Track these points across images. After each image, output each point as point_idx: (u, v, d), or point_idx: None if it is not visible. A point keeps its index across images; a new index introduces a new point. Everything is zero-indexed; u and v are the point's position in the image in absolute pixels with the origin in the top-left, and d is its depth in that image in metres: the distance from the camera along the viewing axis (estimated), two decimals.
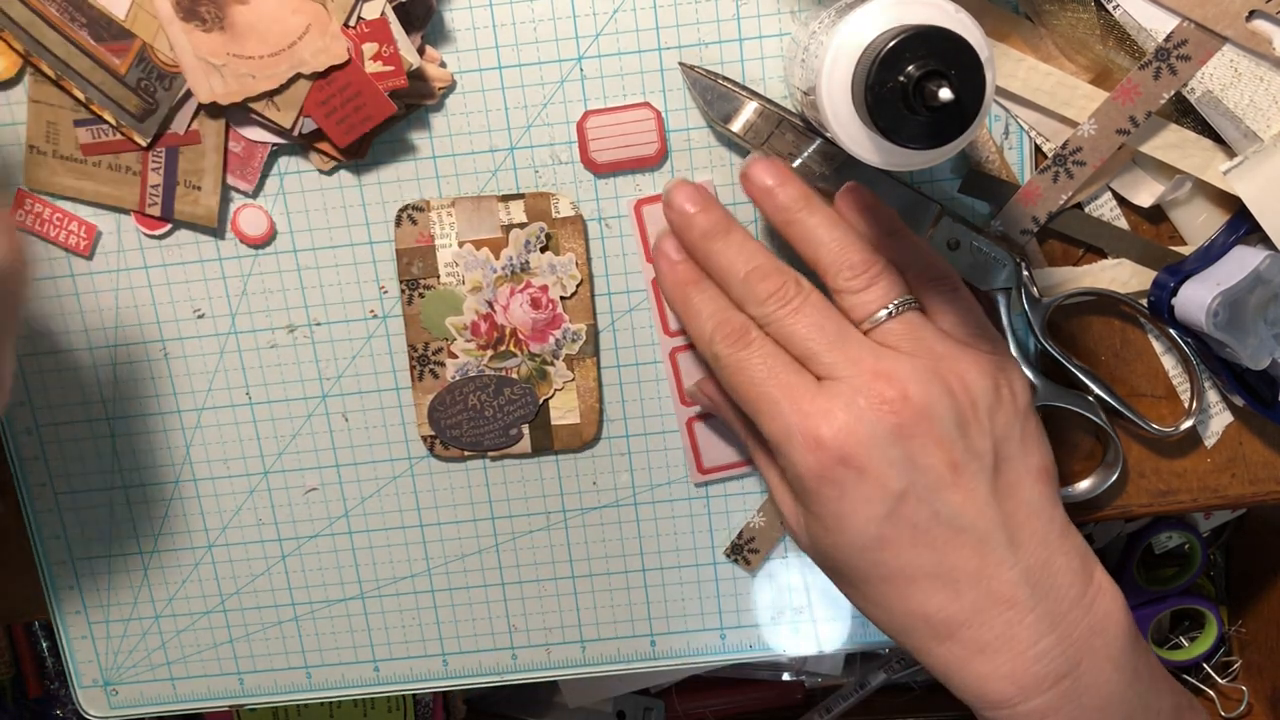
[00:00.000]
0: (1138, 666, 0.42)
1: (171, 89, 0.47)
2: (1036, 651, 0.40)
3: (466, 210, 0.50)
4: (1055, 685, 0.40)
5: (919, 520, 0.40)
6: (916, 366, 0.40)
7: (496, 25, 0.48)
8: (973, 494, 0.40)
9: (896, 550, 0.40)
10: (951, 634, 0.40)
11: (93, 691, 0.58)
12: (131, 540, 0.55)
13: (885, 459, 0.39)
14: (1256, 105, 0.47)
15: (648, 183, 0.50)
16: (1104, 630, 0.41)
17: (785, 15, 0.48)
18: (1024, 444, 0.42)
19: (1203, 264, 0.50)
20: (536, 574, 0.56)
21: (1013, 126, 0.49)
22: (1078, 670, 0.40)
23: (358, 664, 0.57)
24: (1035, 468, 0.42)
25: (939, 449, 0.40)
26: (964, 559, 0.40)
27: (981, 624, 0.40)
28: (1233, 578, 0.78)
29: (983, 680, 0.40)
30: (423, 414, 0.53)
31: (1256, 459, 0.54)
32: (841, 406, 0.40)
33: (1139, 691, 0.41)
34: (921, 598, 0.40)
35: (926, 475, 0.40)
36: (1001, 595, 0.40)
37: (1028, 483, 0.42)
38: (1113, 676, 0.41)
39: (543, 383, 0.52)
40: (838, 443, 0.39)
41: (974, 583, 0.40)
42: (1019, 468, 0.42)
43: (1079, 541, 0.43)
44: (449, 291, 0.51)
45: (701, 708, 0.79)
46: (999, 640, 0.40)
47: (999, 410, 0.41)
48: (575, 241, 0.50)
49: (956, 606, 0.40)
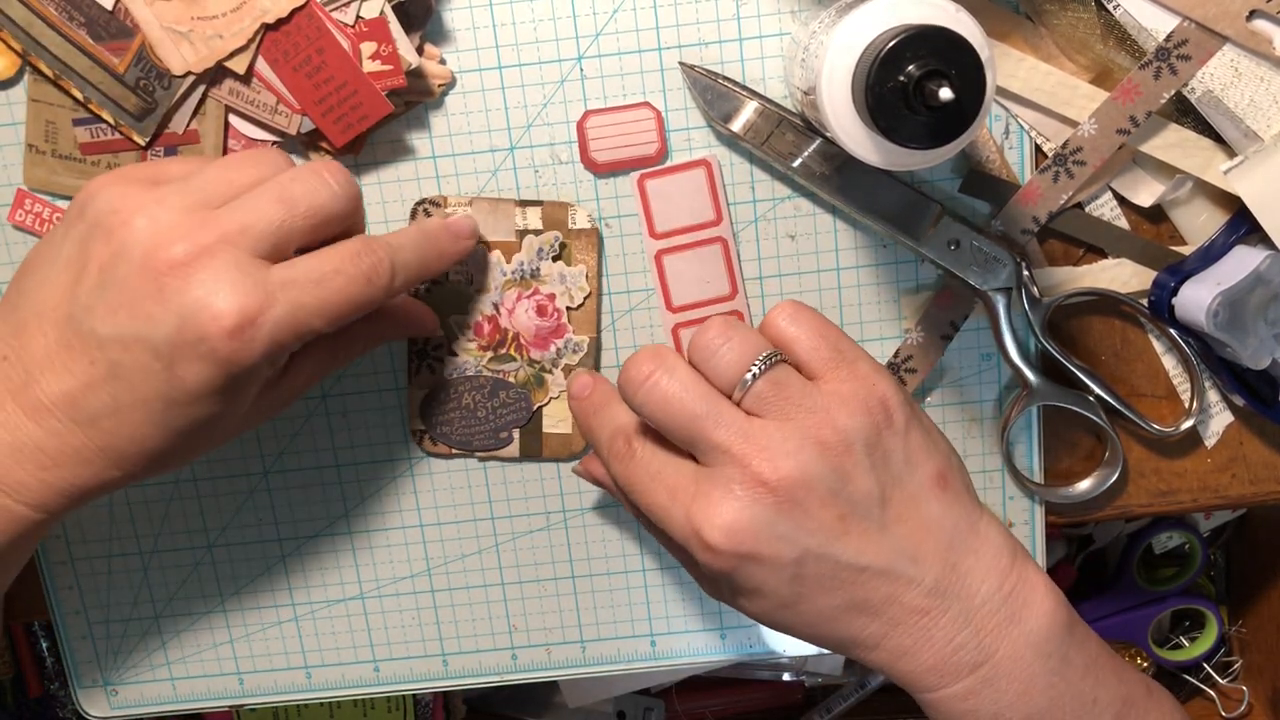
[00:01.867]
0: (1068, 655, 0.43)
1: (170, 88, 0.47)
2: (953, 645, 0.42)
3: (484, 211, 0.50)
4: (973, 672, 0.42)
5: (822, 573, 0.42)
6: (786, 434, 0.41)
7: (496, 25, 0.48)
8: (865, 535, 0.42)
9: (810, 601, 0.42)
10: (877, 644, 0.43)
11: (93, 691, 0.58)
12: (131, 540, 0.55)
13: (774, 536, 0.41)
14: (1257, 105, 0.47)
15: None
16: (1022, 619, 0.43)
17: (785, 15, 0.48)
18: (909, 460, 0.43)
19: (1203, 264, 0.50)
20: (536, 574, 0.56)
21: (1013, 126, 0.49)
22: (994, 658, 0.42)
23: (358, 664, 0.57)
24: (927, 479, 0.43)
25: (823, 508, 0.41)
26: (872, 590, 0.42)
27: (901, 633, 0.42)
28: (1233, 578, 0.78)
29: (908, 674, 0.43)
30: (415, 408, 0.53)
31: (1257, 459, 0.54)
32: (720, 499, 0.41)
33: (1068, 678, 0.43)
34: (843, 627, 0.43)
35: (816, 535, 0.41)
36: (914, 607, 0.42)
37: (921, 498, 0.43)
38: (1034, 663, 0.43)
39: (539, 389, 0.52)
40: (728, 542, 0.41)
41: (886, 605, 0.42)
42: (909, 487, 0.43)
43: (994, 533, 0.44)
44: (456, 289, 0.51)
45: (701, 708, 0.79)
46: (918, 642, 0.42)
47: (877, 441, 0.42)
48: (588, 254, 0.50)
49: (875, 625, 0.43)
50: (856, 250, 0.51)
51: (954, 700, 0.43)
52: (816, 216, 0.51)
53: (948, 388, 0.53)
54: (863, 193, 0.49)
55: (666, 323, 0.52)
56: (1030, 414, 0.53)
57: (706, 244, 0.51)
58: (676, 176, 0.50)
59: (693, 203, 0.50)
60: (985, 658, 0.42)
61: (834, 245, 0.51)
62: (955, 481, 0.44)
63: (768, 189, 0.50)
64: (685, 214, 0.51)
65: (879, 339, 0.52)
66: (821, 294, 0.52)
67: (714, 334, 0.43)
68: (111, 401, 0.40)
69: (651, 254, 0.51)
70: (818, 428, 0.41)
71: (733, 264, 0.51)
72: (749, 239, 0.51)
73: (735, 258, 0.51)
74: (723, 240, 0.51)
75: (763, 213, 0.51)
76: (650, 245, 0.51)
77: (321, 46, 0.46)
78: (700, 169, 0.50)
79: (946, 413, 0.53)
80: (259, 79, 0.47)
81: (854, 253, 0.51)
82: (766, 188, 0.50)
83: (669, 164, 0.50)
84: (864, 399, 0.42)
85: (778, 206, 0.51)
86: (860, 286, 0.52)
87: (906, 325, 0.52)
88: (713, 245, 0.51)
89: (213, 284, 0.39)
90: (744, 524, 0.41)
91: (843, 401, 0.42)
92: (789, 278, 0.52)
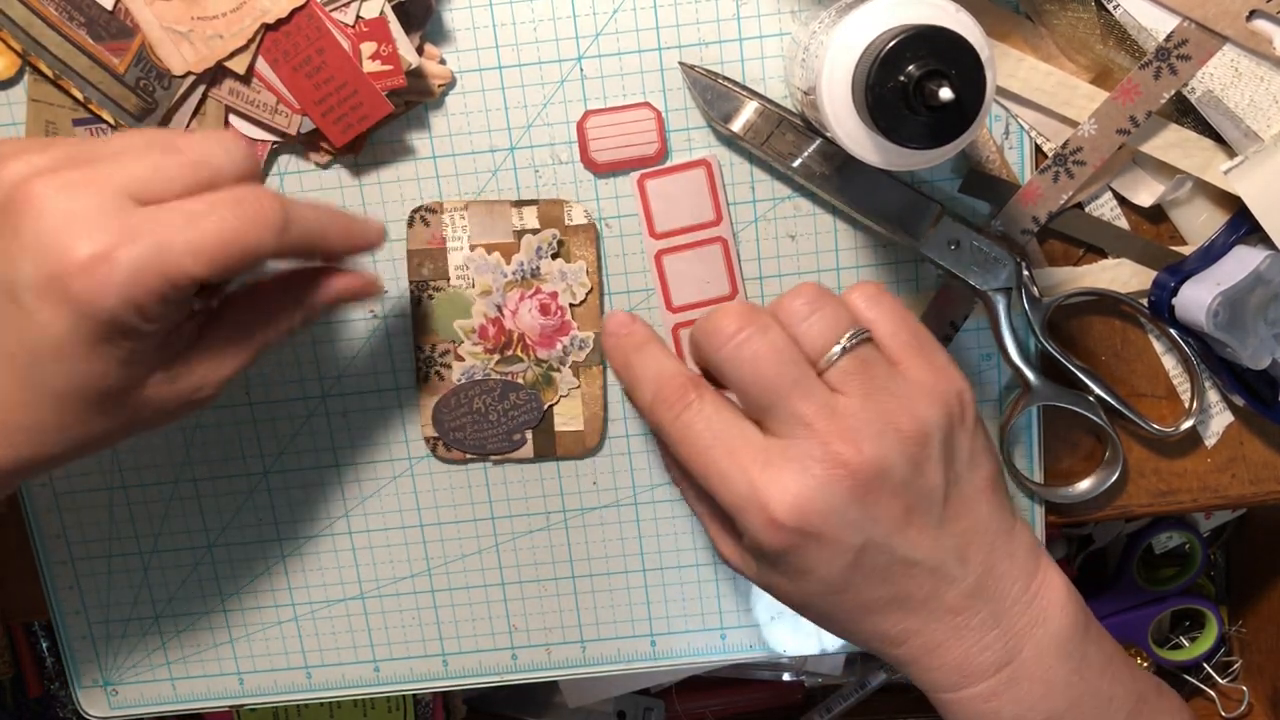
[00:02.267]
0: (1087, 654, 0.43)
1: (170, 88, 0.47)
2: (981, 645, 0.42)
3: (480, 214, 0.50)
4: (998, 672, 0.42)
5: (878, 564, 0.41)
6: (870, 418, 0.40)
7: (496, 25, 0.48)
8: (924, 530, 0.41)
9: (858, 591, 0.42)
10: (905, 640, 0.43)
11: (93, 691, 0.58)
12: (131, 540, 0.55)
13: (844, 521, 0.40)
14: (1257, 105, 0.47)
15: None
16: (1046, 620, 0.43)
17: (785, 15, 0.48)
18: (973, 460, 0.43)
19: (1203, 264, 0.50)
20: (537, 574, 0.56)
21: (1013, 126, 0.49)
22: (1020, 658, 0.42)
23: (358, 664, 0.57)
24: (983, 480, 0.43)
25: (894, 499, 0.40)
26: (917, 586, 0.42)
27: (933, 631, 0.42)
28: (1233, 578, 0.78)
29: (932, 671, 0.43)
30: (427, 415, 0.53)
31: (1257, 459, 0.54)
32: (794, 474, 0.40)
33: (1086, 677, 0.43)
34: (879, 620, 0.42)
35: (882, 525, 0.40)
36: (951, 606, 0.42)
37: (976, 499, 0.43)
38: (1055, 663, 0.43)
39: (548, 389, 0.52)
40: (794, 519, 0.39)
41: (926, 602, 0.42)
42: (968, 487, 0.42)
43: (1025, 537, 0.44)
44: (458, 294, 0.51)
45: (701, 708, 0.79)
46: (948, 640, 0.42)
47: (951, 437, 0.42)
48: (587, 249, 0.51)
49: (910, 621, 0.42)
50: (856, 250, 0.51)
51: (976, 700, 0.42)
52: (816, 216, 0.51)
53: None
54: (863, 193, 0.49)
55: (666, 323, 0.52)
56: (1030, 414, 0.53)
57: (706, 244, 0.51)
58: (676, 176, 0.50)
59: (693, 203, 0.50)
60: (1010, 658, 0.42)
61: (834, 245, 0.51)
62: (1002, 485, 0.44)
63: (768, 189, 0.50)
64: (685, 214, 0.51)
65: None
66: None
67: (803, 301, 0.41)
68: None
69: (651, 254, 0.51)
70: (898, 414, 0.40)
71: (733, 264, 0.51)
72: (749, 239, 0.51)
73: (735, 258, 0.51)
74: (723, 240, 0.51)
75: (763, 213, 0.51)
76: (650, 245, 0.51)
77: (321, 46, 0.46)
78: (700, 169, 0.50)
79: None
80: (259, 79, 0.47)
81: (854, 253, 0.51)
82: (766, 188, 0.50)
83: (669, 164, 0.50)
84: (944, 391, 0.41)
85: (778, 206, 0.51)
86: None
87: None
88: (713, 245, 0.51)
89: (65, 217, 0.36)
90: (816, 503, 0.39)
91: (924, 391, 0.41)
92: (789, 278, 0.52)
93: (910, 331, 0.42)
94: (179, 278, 0.36)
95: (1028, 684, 0.42)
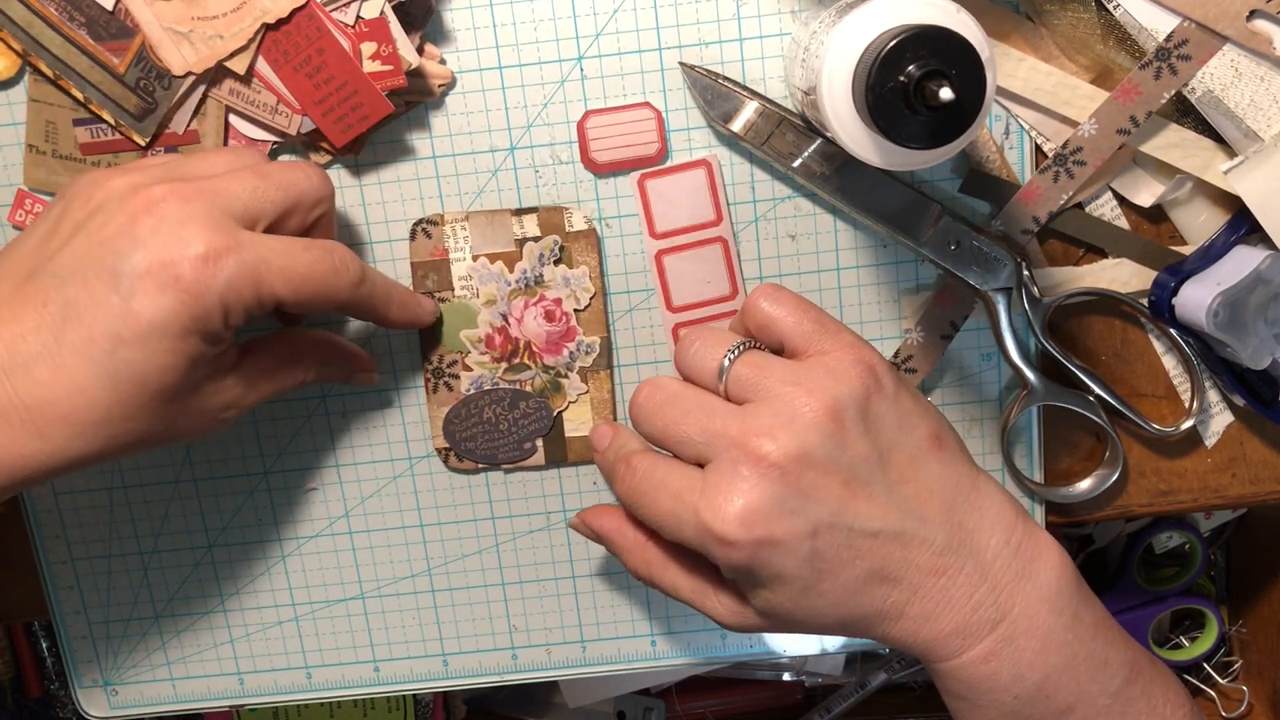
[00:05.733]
0: (1079, 611, 0.44)
1: (171, 88, 0.47)
2: (973, 603, 0.43)
3: (480, 224, 0.50)
4: (993, 630, 0.43)
5: (837, 544, 0.42)
6: (778, 409, 0.42)
7: (496, 25, 0.48)
8: (871, 498, 0.42)
9: (831, 577, 0.42)
10: (900, 614, 0.43)
11: (93, 691, 0.58)
12: (131, 540, 0.55)
13: (785, 513, 0.41)
14: (1257, 105, 0.47)
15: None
16: (1034, 575, 0.43)
17: (785, 15, 0.48)
18: (903, 424, 0.43)
19: (1203, 264, 0.50)
20: (537, 574, 0.56)
21: (1013, 126, 0.49)
22: (1012, 614, 0.43)
23: (358, 664, 0.57)
24: (923, 440, 0.44)
25: (827, 477, 0.41)
26: (887, 555, 0.42)
27: (923, 598, 0.43)
28: (1233, 578, 0.78)
29: (932, 640, 0.43)
30: (437, 427, 0.53)
31: (1257, 459, 0.54)
32: (727, 486, 0.41)
33: (1081, 635, 0.44)
34: (866, 600, 0.43)
35: (825, 504, 0.41)
36: (930, 568, 0.43)
37: (920, 459, 0.43)
38: (1048, 619, 0.43)
39: (557, 395, 0.52)
40: (742, 530, 0.41)
41: (903, 569, 0.43)
42: (906, 450, 0.43)
43: (994, 490, 0.44)
44: (463, 305, 0.51)
45: (701, 708, 0.79)
46: (939, 605, 0.43)
47: (868, 406, 0.43)
48: (589, 255, 0.51)
49: (897, 592, 0.43)
50: (856, 250, 0.51)
51: (976, 664, 0.43)
52: (816, 216, 0.51)
53: (948, 388, 0.53)
54: (863, 193, 0.49)
55: (667, 323, 0.52)
56: (1030, 414, 0.53)
57: (707, 244, 0.51)
58: (677, 176, 0.50)
59: (693, 203, 0.50)
60: (1003, 614, 0.43)
61: (834, 245, 0.51)
62: (950, 442, 0.44)
63: (768, 189, 0.50)
64: (685, 214, 0.51)
65: (879, 339, 0.52)
66: (822, 294, 0.52)
67: (686, 341, 0.45)
68: (54, 343, 0.39)
69: (652, 254, 0.51)
70: (804, 398, 0.42)
71: (733, 264, 0.51)
72: (749, 239, 0.51)
73: (735, 258, 0.51)
74: (723, 240, 0.51)
75: (763, 213, 0.51)
76: (650, 245, 0.51)
77: (322, 46, 0.46)
78: (700, 169, 0.50)
79: (947, 412, 0.53)
80: (259, 79, 0.47)
81: (854, 253, 0.51)
82: (766, 188, 0.50)
83: (669, 164, 0.50)
84: (850, 365, 0.43)
85: (778, 206, 0.51)
86: (860, 286, 0.52)
87: (906, 325, 0.52)
88: (713, 245, 0.51)
89: (185, 217, 0.40)
90: (754, 506, 0.41)
91: (829, 370, 0.42)
92: (789, 278, 0.52)
93: (812, 319, 0.44)
94: (267, 296, 0.41)
95: (1024, 640, 0.43)
